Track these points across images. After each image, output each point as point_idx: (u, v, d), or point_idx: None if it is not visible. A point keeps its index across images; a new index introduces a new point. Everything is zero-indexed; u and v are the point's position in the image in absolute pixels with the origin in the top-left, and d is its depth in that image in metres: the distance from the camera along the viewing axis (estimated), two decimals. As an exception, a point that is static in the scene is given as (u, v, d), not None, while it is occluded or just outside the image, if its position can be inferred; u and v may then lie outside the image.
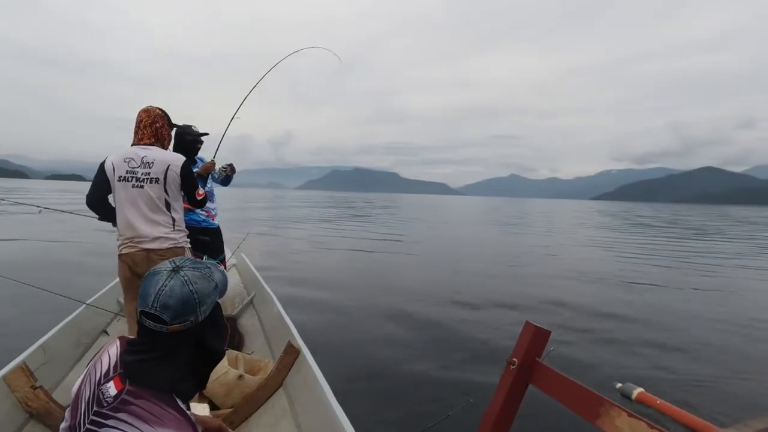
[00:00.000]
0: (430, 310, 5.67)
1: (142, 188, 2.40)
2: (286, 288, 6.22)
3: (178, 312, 1.00)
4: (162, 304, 0.99)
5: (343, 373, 3.55)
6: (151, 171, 2.40)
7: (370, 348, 4.25)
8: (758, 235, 22.26)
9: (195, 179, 2.58)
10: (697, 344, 4.71)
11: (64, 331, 2.71)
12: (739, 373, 3.95)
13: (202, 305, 1.04)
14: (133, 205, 2.41)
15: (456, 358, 4.05)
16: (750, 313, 6.09)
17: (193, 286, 1.03)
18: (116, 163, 2.41)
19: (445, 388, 3.42)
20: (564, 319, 5.53)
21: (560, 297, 6.74)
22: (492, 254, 11.71)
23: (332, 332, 4.65)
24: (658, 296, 7.24)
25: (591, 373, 3.81)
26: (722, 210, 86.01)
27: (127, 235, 2.44)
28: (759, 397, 3.44)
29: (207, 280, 1.08)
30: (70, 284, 5.35)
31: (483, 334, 4.75)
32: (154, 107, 2.54)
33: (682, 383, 3.68)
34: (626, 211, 57.89)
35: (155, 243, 2.44)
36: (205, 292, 1.05)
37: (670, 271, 10.07)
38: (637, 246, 15.23)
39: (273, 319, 3.19)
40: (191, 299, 1.02)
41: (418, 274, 8.28)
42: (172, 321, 1.00)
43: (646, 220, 34.63)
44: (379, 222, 21.77)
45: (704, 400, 3.36)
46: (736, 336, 5.07)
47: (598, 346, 4.54)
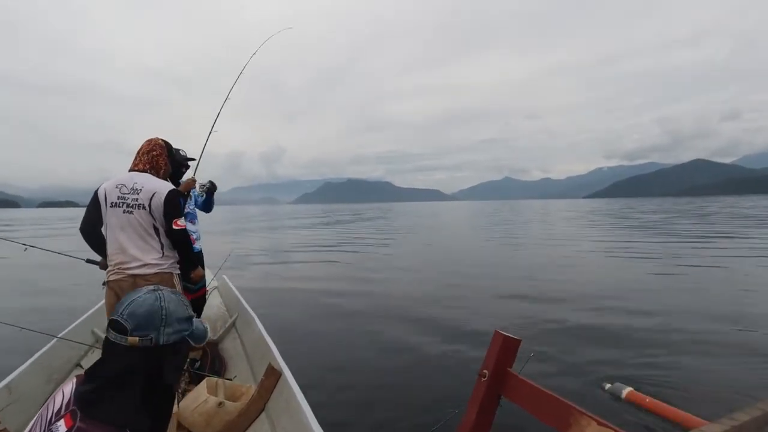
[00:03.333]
0: (417, 322, 5.58)
1: (131, 214, 2.42)
2: (268, 308, 6.14)
3: (142, 323, 1.01)
4: (130, 313, 1.01)
5: (325, 392, 3.49)
6: (138, 197, 2.43)
7: (353, 366, 4.17)
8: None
9: (179, 208, 2.55)
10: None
11: (32, 368, 2.62)
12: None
13: (168, 326, 1.04)
14: (123, 230, 2.43)
15: (440, 373, 3.96)
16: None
17: (165, 303, 1.05)
18: (108, 189, 2.45)
19: (430, 402, 3.36)
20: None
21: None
22: (487, 263, 11.68)
23: (316, 352, 4.56)
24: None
25: (583, 372, 3.80)
26: (720, 201, 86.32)
27: (116, 261, 2.44)
28: (747, 389, 3.43)
29: (182, 306, 1.10)
30: (42, 317, 5.22)
31: (470, 348, 4.66)
32: (157, 138, 2.63)
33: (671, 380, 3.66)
34: (631, 208, 57.64)
35: (143, 269, 2.44)
36: (174, 314, 1.06)
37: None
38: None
39: (255, 341, 3.13)
40: (158, 314, 1.03)
41: (405, 288, 8.10)
42: (132, 331, 0.99)
43: (652, 216, 34.45)
44: (369, 234, 21.66)
45: (693, 395, 3.36)
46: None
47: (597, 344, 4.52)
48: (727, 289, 7.20)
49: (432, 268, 10.43)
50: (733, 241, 14.52)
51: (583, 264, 10.67)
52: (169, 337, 1.04)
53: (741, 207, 46.38)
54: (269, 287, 8.17)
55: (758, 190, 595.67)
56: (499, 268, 10.07)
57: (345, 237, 20.01)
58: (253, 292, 7.18)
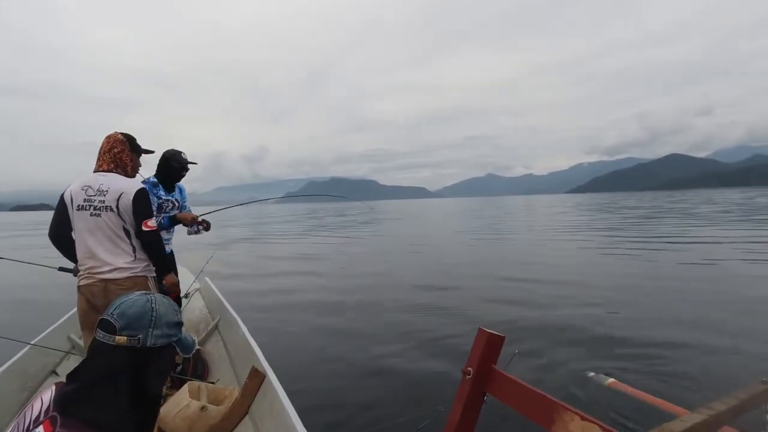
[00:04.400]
0: (402, 323, 5.55)
1: (99, 216, 2.35)
2: (251, 310, 6.06)
3: (131, 322, 1.01)
4: (120, 312, 1.02)
5: (311, 393, 3.46)
6: (105, 199, 2.35)
7: (338, 367, 4.13)
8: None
9: (148, 208, 2.48)
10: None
11: (5, 376, 2.53)
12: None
13: (156, 328, 1.04)
14: (92, 234, 2.35)
15: (425, 372, 3.95)
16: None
17: (155, 305, 1.06)
18: (74, 192, 2.37)
19: (416, 401, 3.35)
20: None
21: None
22: (475, 261, 11.74)
23: (300, 353, 4.52)
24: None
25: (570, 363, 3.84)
26: (699, 194, 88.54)
27: (87, 265, 2.37)
28: (725, 380, 3.53)
29: (172, 312, 1.11)
30: (15, 325, 5.05)
31: (460, 341, 4.71)
32: (116, 133, 2.50)
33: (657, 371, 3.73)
34: (613, 202, 58.64)
35: (114, 273, 2.37)
36: (164, 317, 1.06)
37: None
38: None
39: (238, 343, 3.08)
40: (148, 315, 1.03)
41: (390, 289, 8.02)
42: (121, 330, 0.99)
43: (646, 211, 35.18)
44: (356, 235, 21.62)
45: (673, 385, 3.44)
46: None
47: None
48: (715, 286, 7.12)
49: (416, 267, 10.43)
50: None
51: (568, 260, 10.84)
52: (156, 340, 1.03)
53: (731, 199, 47.29)
54: (252, 289, 8.05)
55: (733, 183, 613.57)
56: (483, 267, 10.11)
57: (330, 240, 19.90)
58: (236, 294, 7.05)
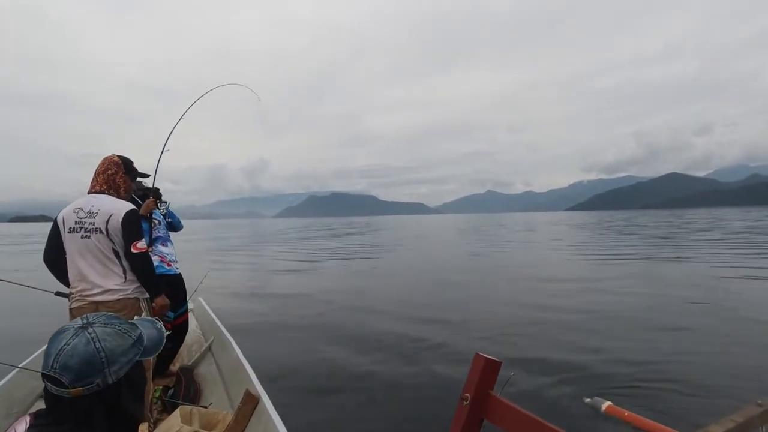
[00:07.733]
0: (399, 345, 5.42)
1: (89, 239, 2.34)
2: (247, 331, 5.96)
3: (80, 374, 0.89)
4: (62, 365, 0.89)
5: (305, 417, 3.37)
6: (95, 221, 2.35)
7: (334, 390, 4.03)
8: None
9: (138, 230, 2.45)
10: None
11: None
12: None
13: (113, 365, 0.93)
14: (83, 256, 2.35)
15: (422, 396, 3.85)
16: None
17: (101, 343, 0.93)
18: (66, 215, 2.37)
19: (414, 427, 3.28)
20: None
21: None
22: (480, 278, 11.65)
23: (296, 375, 4.40)
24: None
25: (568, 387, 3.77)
26: (693, 213, 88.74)
27: (78, 288, 2.36)
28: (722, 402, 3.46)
29: (121, 337, 0.98)
30: (1, 348, 4.95)
31: (452, 370, 4.54)
32: (112, 155, 2.53)
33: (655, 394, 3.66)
34: (626, 220, 58.75)
35: (104, 295, 2.35)
36: (116, 351, 0.95)
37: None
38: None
39: (232, 365, 3.02)
40: (96, 359, 0.91)
41: (388, 309, 7.75)
42: (72, 384, 0.88)
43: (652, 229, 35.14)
44: (356, 248, 21.53)
45: (670, 408, 3.38)
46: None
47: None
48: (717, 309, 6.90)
49: (413, 287, 10.29)
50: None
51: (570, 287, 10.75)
52: (118, 374, 0.95)
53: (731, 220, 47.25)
54: (247, 309, 7.89)
55: (733, 203, 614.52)
56: (483, 288, 9.97)
57: (329, 252, 19.81)
58: (229, 313, 6.91)
